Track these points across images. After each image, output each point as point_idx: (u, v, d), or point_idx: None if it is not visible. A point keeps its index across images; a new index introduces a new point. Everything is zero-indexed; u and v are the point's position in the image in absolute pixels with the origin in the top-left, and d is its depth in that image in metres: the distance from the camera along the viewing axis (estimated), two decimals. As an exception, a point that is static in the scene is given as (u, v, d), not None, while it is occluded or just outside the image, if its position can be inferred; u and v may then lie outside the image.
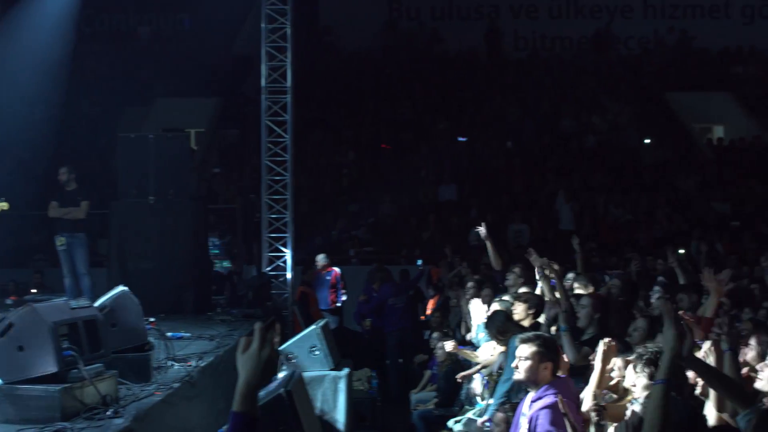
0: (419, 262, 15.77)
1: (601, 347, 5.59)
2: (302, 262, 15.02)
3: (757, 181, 20.31)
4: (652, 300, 8.65)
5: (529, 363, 5.41)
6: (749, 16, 26.71)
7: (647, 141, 22.35)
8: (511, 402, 6.61)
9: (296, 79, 14.11)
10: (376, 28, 25.94)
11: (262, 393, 6.85)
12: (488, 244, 10.40)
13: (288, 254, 13.90)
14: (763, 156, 21.58)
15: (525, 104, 23.32)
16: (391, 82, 23.83)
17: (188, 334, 9.17)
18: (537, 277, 8.36)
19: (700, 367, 4.27)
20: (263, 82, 13.97)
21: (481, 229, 10.42)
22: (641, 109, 23.45)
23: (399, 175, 19.96)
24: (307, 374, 8.68)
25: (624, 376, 5.65)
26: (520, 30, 26.72)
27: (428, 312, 13.98)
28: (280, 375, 8.19)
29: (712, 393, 4.91)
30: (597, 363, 5.57)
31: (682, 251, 15.04)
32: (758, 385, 5.01)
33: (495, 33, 26.12)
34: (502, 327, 7.39)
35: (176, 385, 6.76)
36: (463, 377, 8.98)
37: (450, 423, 8.45)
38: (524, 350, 5.46)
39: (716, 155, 22.07)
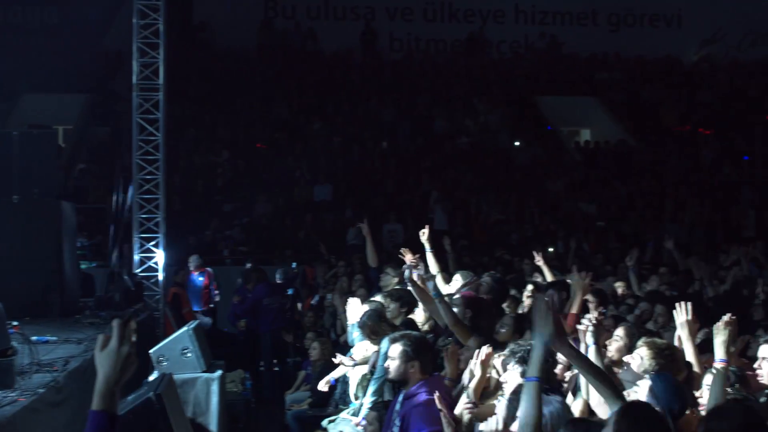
0: (294, 264, 15.74)
1: (481, 356, 5.67)
2: (175, 262, 14.77)
3: (621, 183, 21.11)
4: (524, 298, 8.88)
5: (397, 362, 5.49)
6: (615, 24, 27.72)
7: (517, 143, 22.91)
8: (383, 401, 6.67)
9: (169, 77, 13.87)
10: (252, 26, 25.75)
11: (130, 397, 6.73)
12: (368, 241, 10.64)
13: (160, 255, 13.65)
14: (627, 159, 22.43)
15: (400, 105, 23.56)
16: (266, 81, 23.67)
17: (54, 338, 8.89)
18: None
19: (576, 357, 4.37)
20: (135, 79, 13.67)
21: (363, 226, 10.66)
22: (512, 111, 24.02)
23: (274, 175, 19.89)
24: (178, 377, 8.53)
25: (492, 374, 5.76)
26: (396, 32, 27.00)
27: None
28: (151, 378, 8.04)
29: (583, 386, 5.07)
30: (476, 370, 5.65)
31: (551, 249, 15.53)
32: (621, 375, 5.21)
33: (371, 34, 26.31)
34: (374, 326, 7.45)
35: (41, 390, 6.54)
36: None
37: (324, 423, 8.46)
38: (393, 350, 5.55)
39: (583, 158, 22.81)
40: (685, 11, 27.61)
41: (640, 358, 5.16)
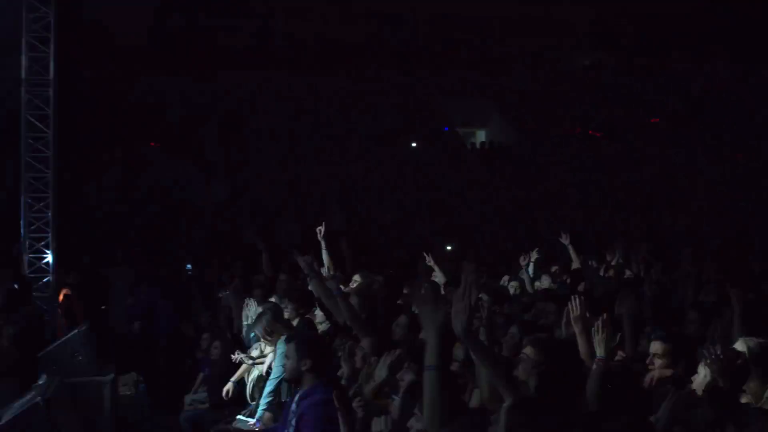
0: (189, 266, 15.53)
1: (390, 360, 5.69)
2: (66, 263, 14.39)
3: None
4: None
5: (290, 361, 5.47)
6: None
7: (414, 144, 23.13)
8: (279, 401, 6.64)
9: (60, 72, 13.50)
10: (147, 21, 25.29)
11: (18, 402, 6.53)
12: (263, 254, 10.76)
13: (50, 255, 13.28)
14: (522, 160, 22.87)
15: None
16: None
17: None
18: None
19: (479, 347, 4.41)
20: (23, 74, 13.27)
21: (258, 240, 11.23)
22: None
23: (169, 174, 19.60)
24: (69, 380, 8.32)
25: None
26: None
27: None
28: (40, 382, 7.82)
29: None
30: (383, 372, 5.66)
31: (449, 248, 15.73)
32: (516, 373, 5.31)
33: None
34: (269, 327, 7.41)
35: None
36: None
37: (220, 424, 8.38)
38: (288, 349, 5.53)
39: (480, 158, 23.15)
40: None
41: (526, 356, 5.27)
